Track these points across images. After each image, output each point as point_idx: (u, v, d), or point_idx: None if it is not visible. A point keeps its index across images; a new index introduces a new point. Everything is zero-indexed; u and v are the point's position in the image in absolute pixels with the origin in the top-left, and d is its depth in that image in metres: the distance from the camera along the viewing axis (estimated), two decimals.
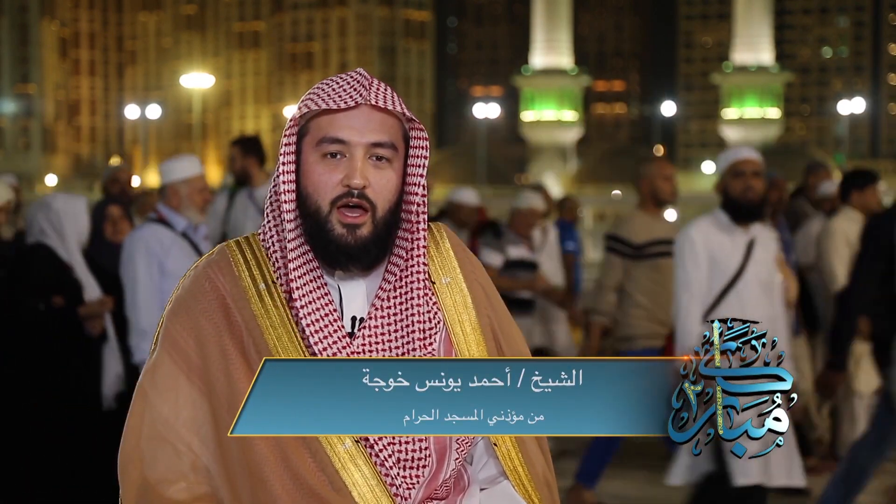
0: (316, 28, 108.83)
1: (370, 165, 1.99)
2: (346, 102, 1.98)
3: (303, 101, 2.03)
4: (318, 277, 2.03)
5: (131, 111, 74.33)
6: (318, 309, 2.00)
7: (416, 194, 2.05)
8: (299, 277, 2.00)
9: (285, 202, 2.01)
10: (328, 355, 1.97)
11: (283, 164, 2.02)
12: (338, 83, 2.02)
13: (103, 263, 6.21)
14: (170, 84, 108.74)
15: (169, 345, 2.03)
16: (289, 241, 2.01)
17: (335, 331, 2.00)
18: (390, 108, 1.99)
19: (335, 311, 2.01)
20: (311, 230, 1.99)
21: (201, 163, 6.07)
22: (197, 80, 66.43)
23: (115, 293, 5.91)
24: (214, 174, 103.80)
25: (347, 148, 1.98)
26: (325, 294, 2.02)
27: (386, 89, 2.02)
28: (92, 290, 5.90)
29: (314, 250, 2.01)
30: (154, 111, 69.36)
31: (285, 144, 2.03)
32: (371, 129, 1.99)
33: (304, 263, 2.02)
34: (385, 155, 2.00)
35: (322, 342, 1.98)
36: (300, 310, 1.99)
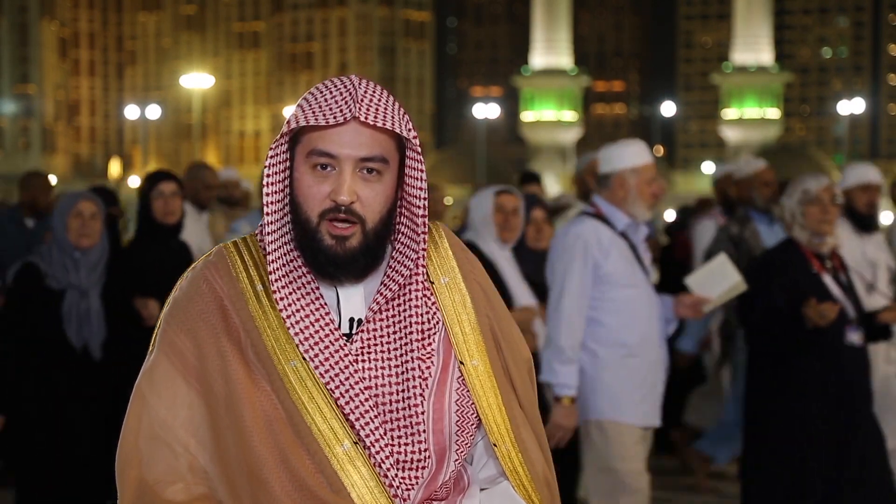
0: (316, 28, 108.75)
1: (359, 179, 1.97)
2: (335, 118, 1.95)
3: (295, 107, 2.02)
4: (309, 283, 2.02)
5: (131, 111, 74.25)
6: (307, 315, 1.99)
7: (418, 207, 2.04)
8: (283, 288, 2.00)
9: (266, 214, 2.01)
10: (321, 360, 1.97)
11: (269, 175, 2.02)
12: (330, 92, 2.00)
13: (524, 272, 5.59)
14: (169, 84, 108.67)
15: (166, 346, 2.03)
16: (269, 253, 2.00)
17: (327, 335, 1.99)
18: (380, 124, 1.96)
19: (328, 314, 2.01)
20: (301, 238, 1.99)
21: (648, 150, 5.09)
22: (197, 81, 66.36)
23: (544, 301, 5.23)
24: None
25: (336, 161, 1.97)
26: (317, 299, 2.01)
27: (380, 100, 1.99)
28: (523, 295, 5.38)
29: (305, 257, 2.00)
30: (154, 111, 69.31)
31: (271, 156, 2.02)
32: (360, 144, 1.97)
33: (293, 270, 2.01)
34: (375, 167, 1.98)
35: (313, 349, 1.97)
36: (286, 319, 1.99)
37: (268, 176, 2.01)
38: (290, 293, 2.00)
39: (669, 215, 23.79)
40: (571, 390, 4.83)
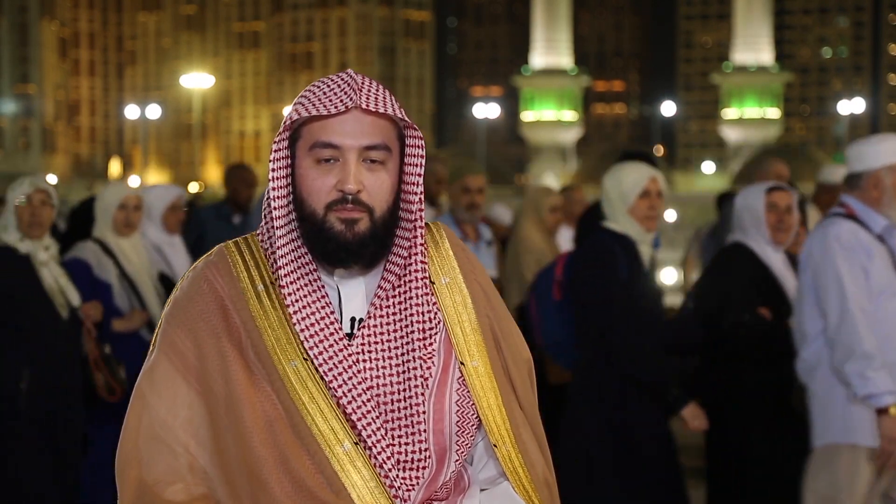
0: (316, 28, 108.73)
1: (364, 168, 1.98)
2: (336, 107, 1.96)
3: (294, 104, 2.03)
4: (315, 280, 2.02)
5: (131, 111, 74.25)
6: (313, 313, 1.99)
7: (415, 194, 2.04)
8: (291, 283, 2.00)
9: (275, 209, 2.01)
10: (325, 358, 1.97)
11: (274, 169, 2.02)
12: (328, 86, 2.01)
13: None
14: (170, 84, 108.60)
15: (167, 346, 2.03)
16: (278, 248, 2.00)
17: (331, 333, 1.99)
18: (381, 110, 1.97)
19: (332, 312, 2.00)
20: (307, 232, 1.98)
21: None
22: (197, 80, 66.32)
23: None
24: (215, 175, 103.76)
25: (340, 152, 1.97)
26: (322, 297, 2.01)
27: (378, 90, 2.00)
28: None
29: (312, 252, 2.00)
30: (154, 111, 69.28)
31: (275, 150, 2.02)
32: (363, 133, 1.98)
33: (299, 267, 2.01)
34: (378, 157, 1.99)
35: (317, 346, 1.97)
36: (293, 315, 1.99)
37: (273, 171, 2.02)
38: (298, 289, 2.00)
39: (670, 215, 23.48)
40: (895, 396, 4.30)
